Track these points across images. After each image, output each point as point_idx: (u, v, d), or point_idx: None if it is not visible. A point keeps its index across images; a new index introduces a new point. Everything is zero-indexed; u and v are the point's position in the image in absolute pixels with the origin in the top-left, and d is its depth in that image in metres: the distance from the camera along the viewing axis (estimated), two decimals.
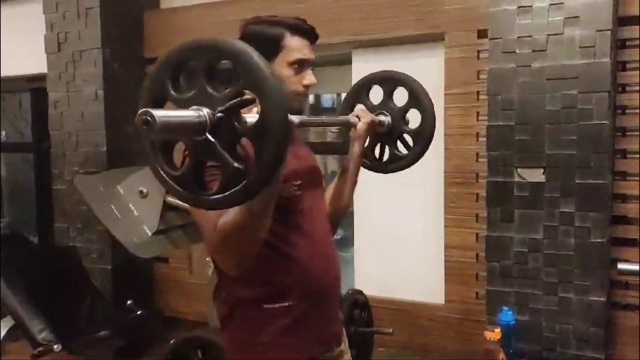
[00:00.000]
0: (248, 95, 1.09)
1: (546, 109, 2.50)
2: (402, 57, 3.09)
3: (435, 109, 1.85)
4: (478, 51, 2.79)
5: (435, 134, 2.94)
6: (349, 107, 1.95)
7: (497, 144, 2.61)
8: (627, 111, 2.58)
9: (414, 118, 1.86)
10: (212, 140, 1.06)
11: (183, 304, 3.70)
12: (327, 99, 5.49)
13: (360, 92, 1.95)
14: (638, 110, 2.53)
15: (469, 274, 2.92)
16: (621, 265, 2.16)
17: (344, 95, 5.09)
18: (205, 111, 1.07)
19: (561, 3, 2.45)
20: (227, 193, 1.10)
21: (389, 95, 1.89)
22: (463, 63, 2.84)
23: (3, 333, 3.20)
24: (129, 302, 3.30)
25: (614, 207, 2.58)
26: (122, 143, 3.64)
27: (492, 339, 2.37)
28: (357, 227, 3.32)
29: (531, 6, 2.50)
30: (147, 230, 2.73)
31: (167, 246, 2.82)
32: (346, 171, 1.81)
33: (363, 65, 3.21)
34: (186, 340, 2.87)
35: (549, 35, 2.48)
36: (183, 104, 1.10)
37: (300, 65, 1.60)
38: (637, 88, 2.53)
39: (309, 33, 1.63)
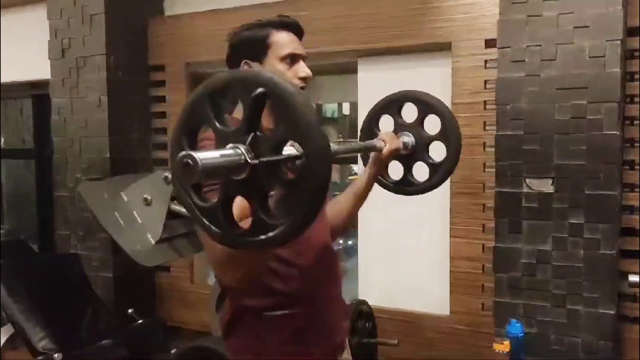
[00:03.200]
0: (294, 148, 1.05)
1: (555, 118, 2.48)
2: (408, 66, 3.08)
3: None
4: (485, 61, 2.78)
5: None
6: (375, 118, 1.91)
7: (506, 153, 2.59)
8: (635, 122, 2.56)
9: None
10: (250, 183, 1.03)
11: (185, 313, 3.67)
12: (329, 109, 5.47)
13: (390, 105, 1.88)
14: None
15: (474, 285, 2.89)
16: (632, 278, 2.15)
17: (345, 105, 5.05)
18: (243, 149, 1.03)
19: (571, 12, 2.44)
20: (258, 238, 1.06)
21: (420, 119, 1.85)
22: (470, 72, 2.82)
23: (3, 341, 3.16)
24: (130, 310, 3.27)
25: (621, 218, 2.55)
26: (125, 150, 3.62)
27: (501, 352, 2.34)
28: (362, 237, 3.29)
29: (540, 15, 2.49)
30: (151, 239, 2.70)
31: (171, 254, 2.79)
32: (358, 188, 1.78)
33: (369, 75, 3.20)
34: (188, 350, 2.83)
35: (558, 44, 2.46)
36: (222, 138, 1.07)
37: (292, 59, 1.60)
38: None
39: (294, 27, 1.64)
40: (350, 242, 3.94)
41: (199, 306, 3.50)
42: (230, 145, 1.04)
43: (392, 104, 1.87)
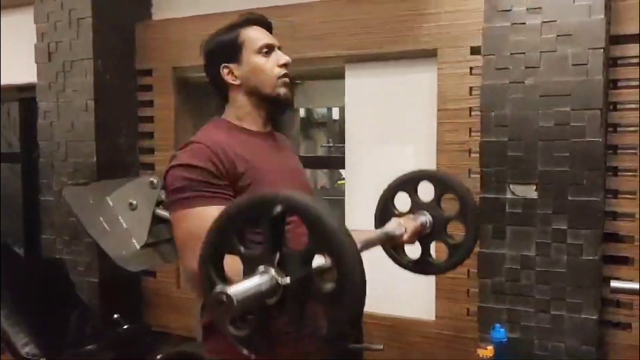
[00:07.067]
0: (323, 261, 1.06)
1: (539, 125, 2.51)
2: (395, 72, 3.09)
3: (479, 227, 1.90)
4: (471, 68, 2.80)
5: (429, 147, 2.95)
6: (390, 196, 1.97)
7: (490, 160, 2.61)
8: (618, 129, 2.59)
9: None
10: (284, 306, 1.06)
11: (171, 318, 3.65)
12: (319, 113, 5.50)
13: (407, 184, 1.95)
14: (637, 128, 2.53)
15: (460, 290, 2.90)
16: (614, 284, 2.15)
17: (335, 110, 5.07)
18: (273, 273, 1.04)
19: (554, 21, 2.46)
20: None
21: (437, 198, 1.89)
22: (456, 79, 2.84)
23: None
24: (115, 315, 3.26)
25: (604, 224, 2.57)
26: (112, 154, 3.61)
27: (485, 357, 2.35)
28: None
29: (524, 23, 2.51)
30: (136, 243, 2.70)
31: (156, 259, 2.79)
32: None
33: (356, 80, 3.21)
34: (173, 356, 2.83)
35: (542, 52, 2.49)
36: (249, 262, 1.08)
37: (268, 49, 1.63)
38: (629, 106, 2.54)
39: (261, 21, 1.68)
40: None
41: (185, 311, 3.49)
42: (261, 268, 1.05)
43: (409, 182, 1.91)
